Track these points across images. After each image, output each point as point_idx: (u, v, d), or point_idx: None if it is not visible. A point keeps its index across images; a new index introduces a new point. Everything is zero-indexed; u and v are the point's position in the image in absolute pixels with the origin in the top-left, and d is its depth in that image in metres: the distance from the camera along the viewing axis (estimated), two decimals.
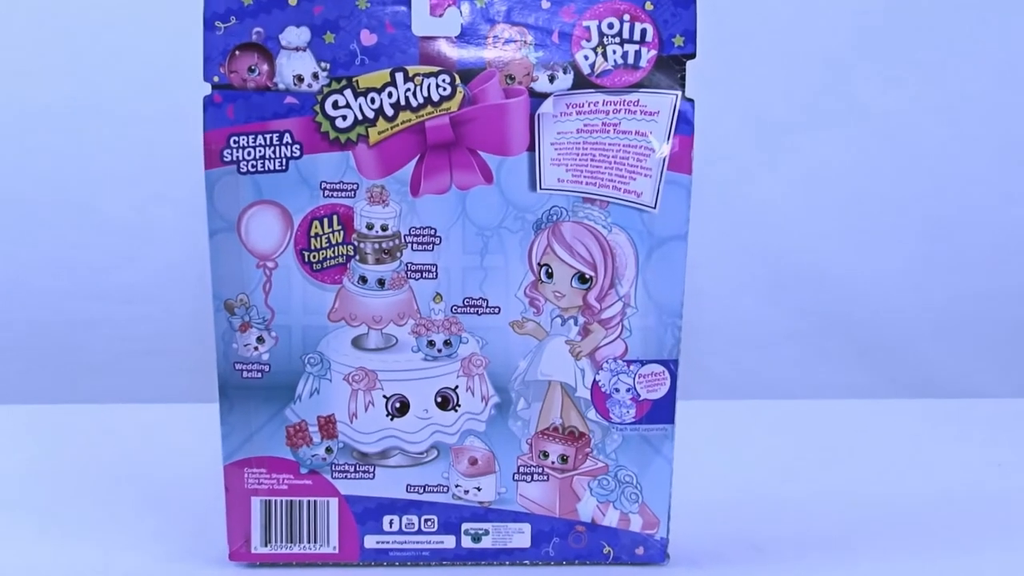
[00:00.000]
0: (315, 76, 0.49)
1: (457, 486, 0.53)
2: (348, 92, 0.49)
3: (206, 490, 0.60)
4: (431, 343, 0.52)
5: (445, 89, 0.49)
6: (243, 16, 0.48)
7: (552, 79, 0.49)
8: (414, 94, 0.49)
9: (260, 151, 0.49)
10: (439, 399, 0.52)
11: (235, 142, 0.49)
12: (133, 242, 0.91)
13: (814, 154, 0.93)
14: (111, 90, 0.89)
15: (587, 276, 0.51)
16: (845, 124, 0.93)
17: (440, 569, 0.54)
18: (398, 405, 0.52)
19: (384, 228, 0.50)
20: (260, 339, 0.51)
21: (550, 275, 0.51)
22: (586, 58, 0.49)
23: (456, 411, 0.53)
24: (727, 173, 0.92)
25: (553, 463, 0.53)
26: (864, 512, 0.62)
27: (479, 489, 0.53)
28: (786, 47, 0.92)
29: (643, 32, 0.49)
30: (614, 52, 0.49)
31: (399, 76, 0.49)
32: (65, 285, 0.92)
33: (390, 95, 0.49)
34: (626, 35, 0.49)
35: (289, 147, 0.49)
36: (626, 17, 0.49)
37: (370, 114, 0.49)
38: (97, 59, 0.89)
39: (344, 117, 0.49)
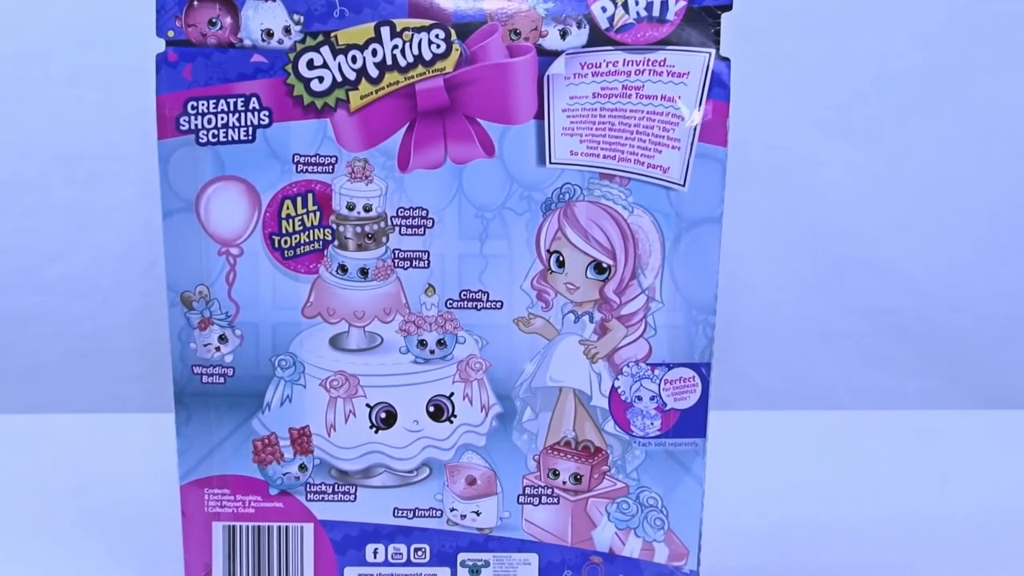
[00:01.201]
0: (287, 31, 0.49)
1: (453, 510, 0.54)
2: (325, 49, 0.49)
3: (159, 514, 0.60)
4: (422, 343, 0.52)
5: (439, 46, 0.49)
6: None
7: (564, 34, 0.50)
8: (403, 52, 0.49)
9: (222, 118, 0.49)
10: (431, 408, 0.53)
11: (193, 108, 0.49)
12: (74, 225, 0.92)
13: (874, 127, 0.93)
14: (47, 46, 0.89)
15: (604, 265, 0.51)
16: (909, 89, 0.93)
17: None
18: (384, 415, 0.53)
19: (367, 209, 0.51)
20: (223, 338, 0.52)
21: (561, 264, 0.52)
22: (604, 9, 0.50)
23: (451, 422, 0.53)
24: (769, 146, 0.91)
25: (564, 483, 0.54)
26: (928, 539, 0.63)
27: (478, 513, 0.54)
28: None
29: None
30: (636, 2, 0.49)
31: (385, 31, 0.49)
32: None
33: (375, 53, 0.49)
34: None
35: (256, 114, 0.50)
36: None
37: (351, 75, 0.49)
38: (29, 8, 0.88)
39: (321, 79, 0.49)
